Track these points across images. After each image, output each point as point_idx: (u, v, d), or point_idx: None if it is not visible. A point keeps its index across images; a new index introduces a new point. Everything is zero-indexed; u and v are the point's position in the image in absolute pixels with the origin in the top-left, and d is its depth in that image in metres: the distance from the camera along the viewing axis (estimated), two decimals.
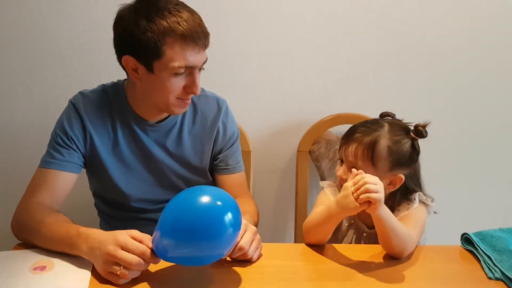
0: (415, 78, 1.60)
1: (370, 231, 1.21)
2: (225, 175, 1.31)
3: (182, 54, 1.06)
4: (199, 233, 0.87)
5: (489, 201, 1.73)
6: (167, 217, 0.91)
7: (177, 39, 1.04)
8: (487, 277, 0.99)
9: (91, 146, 1.20)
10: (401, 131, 1.15)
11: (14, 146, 1.62)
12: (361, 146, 1.11)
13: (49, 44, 1.53)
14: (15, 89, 1.57)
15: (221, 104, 1.28)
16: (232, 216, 0.90)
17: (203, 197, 0.91)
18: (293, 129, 1.62)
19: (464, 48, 1.58)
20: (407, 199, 1.17)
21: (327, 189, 1.22)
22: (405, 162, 1.13)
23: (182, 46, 1.05)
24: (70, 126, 1.18)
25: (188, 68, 1.08)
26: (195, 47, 1.07)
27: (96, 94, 1.22)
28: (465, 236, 1.12)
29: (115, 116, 1.21)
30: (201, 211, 0.89)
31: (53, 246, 1.04)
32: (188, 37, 1.04)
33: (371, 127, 1.14)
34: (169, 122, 1.23)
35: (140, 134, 1.22)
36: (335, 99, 1.61)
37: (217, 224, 0.88)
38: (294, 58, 1.57)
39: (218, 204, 0.90)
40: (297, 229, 1.58)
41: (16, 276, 0.96)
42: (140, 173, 1.25)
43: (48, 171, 1.15)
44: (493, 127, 1.66)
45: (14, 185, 1.51)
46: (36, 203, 1.12)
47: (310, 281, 0.98)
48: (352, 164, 1.13)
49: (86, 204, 1.39)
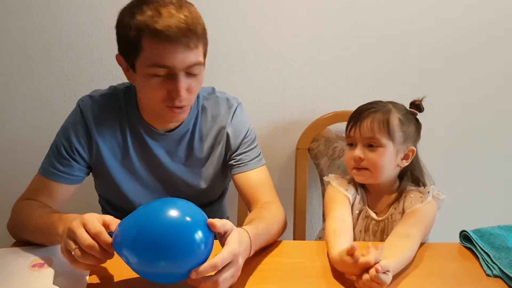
0: (415, 76, 1.60)
1: (378, 218, 1.21)
2: (240, 173, 1.21)
3: (156, 53, 0.98)
4: (162, 251, 0.80)
5: (488, 198, 1.74)
6: (130, 227, 0.83)
7: (151, 36, 0.97)
8: (486, 274, 1.00)
9: (97, 155, 1.16)
10: (403, 108, 1.20)
11: (13, 145, 1.62)
12: (376, 120, 1.14)
13: (48, 42, 1.53)
14: (14, 87, 1.57)
15: (230, 104, 1.22)
16: (203, 234, 0.82)
17: (171, 211, 0.82)
18: (292, 127, 1.62)
19: (465, 47, 1.58)
20: (420, 191, 1.17)
21: (334, 182, 1.22)
22: (414, 135, 1.19)
23: (157, 43, 0.97)
24: (75, 135, 1.14)
25: (167, 68, 1.00)
26: (171, 46, 0.97)
27: (106, 99, 1.16)
28: (463, 233, 1.12)
29: (125, 123, 1.16)
30: (166, 227, 0.81)
31: (37, 236, 1.03)
32: (163, 34, 0.95)
33: (378, 105, 1.18)
34: (180, 131, 1.18)
35: (150, 143, 1.18)
36: (334, 96, 1.61)
37: (185, 243, 0.81)
38: (293, 56, 1.57)
39: (187, 220, 0.82)
40: (296, 227, 1.58)
41: (15, 273, 0.96)
42: (149, 183, 1.22)
43: (47, 180, 1.13)
44: (493, 124, 1.67)
45: (14, 184, 1.50)
46: (28, 202, 1.12)
47: (310, 278, 0.98)
48: (370, 140, 1.14)
49: (90, 202, 1.39)
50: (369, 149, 1.15)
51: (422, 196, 1.16)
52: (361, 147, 1.15)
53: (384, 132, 1.13)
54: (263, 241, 1.04)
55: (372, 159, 1.14)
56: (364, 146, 1.15)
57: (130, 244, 0.82)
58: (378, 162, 1.14)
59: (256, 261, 1.03)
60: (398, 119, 1.15)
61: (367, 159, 1.15)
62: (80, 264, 0.86)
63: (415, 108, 1.21)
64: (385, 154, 1.14)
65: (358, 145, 1.16)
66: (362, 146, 1.15)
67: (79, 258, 0.85)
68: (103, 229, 0.85)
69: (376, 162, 1.14)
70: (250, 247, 0.96)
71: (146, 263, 0.82)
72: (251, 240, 0.96)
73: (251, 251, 0.97)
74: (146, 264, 0.82)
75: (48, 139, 1.19)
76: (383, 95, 1.59)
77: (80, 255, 0.85)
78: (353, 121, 1.17)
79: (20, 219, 1.09)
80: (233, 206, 1.60)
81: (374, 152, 1.14)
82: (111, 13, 1.07)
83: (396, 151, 1.15)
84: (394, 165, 1.17)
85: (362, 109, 1.18)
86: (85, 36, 1.52)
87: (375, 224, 1.21)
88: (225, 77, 1.57)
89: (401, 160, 1.18)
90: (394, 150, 1.15)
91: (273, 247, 1.10)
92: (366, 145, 1.15)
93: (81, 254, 0.85)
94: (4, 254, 1.04)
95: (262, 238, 1.02)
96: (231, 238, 0.87)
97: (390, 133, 1.14)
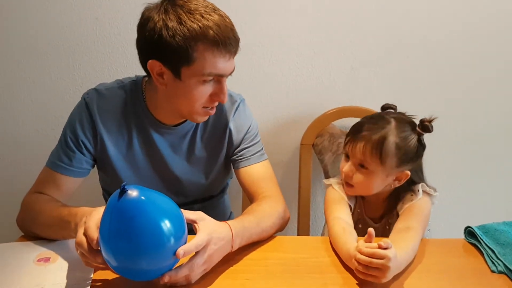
0: (419, 72, 1.59)
1: (376, 225, 1.22)
2: (242, 168, 1.22)
3: (213, 61, 1.00)
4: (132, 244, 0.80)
5: (493, 194, 1.73)
6: (104, 220, 0.83)
7: (208, 45, 0.98)
8: (490, 271, 0.99)
9: (102, 148, 1.17)
10: (407, 127, 1.13)
11: (19, 140, 1.62)
12: (369, 144, 1.10)
13: (52, 39, 1.53)
14: (19, 83, 1.57)
15: (233, 100, 1.23)
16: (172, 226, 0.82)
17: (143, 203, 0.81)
18: (296, 122, 1.62)
19: (469, 42, 1.57)
20: (411, 190, 1.17)
21: (336, 186, 1.22)
22: (412, 158, 1.13)
23: (214, 52, 0.99)
24: (81, 128, 1.14)
25: (217, 75, 1.03)
26: (226, 54, 1.01)
27: (112, 93, 1.16)
28: (468, 229, 1.12)
29: (131, 117, 1.16)
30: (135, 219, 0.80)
31: (49, 231, 1.05)
32: (221, 43, 0.98)
33: (378, 124, 1.13)
34: (186, 126, 1.19)
35: (155, 137, 1.18)
36: (339, 92, 1.60)
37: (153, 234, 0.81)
38: (298, 52, 1.57)
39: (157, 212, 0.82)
40: (300, 222, 1.58)
41: (20, 268, 0.97)
42: (150, 177, 1.23)
43: (54, 173, 1.14)
44: (498, 121, 1.66)
45: (19, 179, 1.52)
46: (39, 195, 1.13)
47: (313, 274, 0.98)
48: (360, 161, 1.12)
49: (94, 195, 1.40)
50: (359, 169, 1.13)
51: (412, 194, 1.16)
52: (352, 164, 1.14)
53: (376, 157, 1.10)
54: (252, 234, 1.04)
55: (359, 180, 1.13)
56: (354, 165, 1.14)
57: (105, 239, 0.82)
58: (365, 183, 1.13)
59: (259, 256, 1.03)
60: (395, 144, 1.10)
61: (355, 177, 1.14)
62: (87, 263, 0.89)
63: (422, 129, 1.12)
64: (373, 177, 1.13)
65: (350, 161, 1.15)
66: (353, 164, 1.14)
67: (80, 255, 0.88)
68: (93, 225, 0.85)
69: (363, 183, 1.14)
70: (232, 240, 0.97)
71: (118, 258, 0.82)
72: (232, 233, 0.97)
73: (233, 244, 0.98)
74: (119, 259, 0.82)
75: (53, 134, 1.20)
76: (388, 90, 1.60)
77: (80, 253, 0.87)
78: (349, 137, 1.15)
79: (30, 213, 1.09)
80: (237, 201, 1.61)
81: (362, 174, 1.13)
82: (116, 9, 1.06)
83: (386, 175, 1.13)
84: (383, 185, 1.15)
85: (360, 127, 1.14)
86: (90, 31, 1.52)
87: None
88: None
89: (393, 181, 1.15)
90: (384, 174, 1.13)
91: (277, 242, 1.10)
92: (357, 164, 1.13)
93: (80, 252, 0.87)
94: (10, 248, 1.05)
95: (249, 231, 1.03)
96: (202, 225, 0.92)
97: (381, 159, 1.10)
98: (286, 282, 0.95)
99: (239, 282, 0.94)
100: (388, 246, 0.90)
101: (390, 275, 0.91)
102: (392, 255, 0.89)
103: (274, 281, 0.95)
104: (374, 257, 0.89)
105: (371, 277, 0.91)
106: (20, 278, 0.93)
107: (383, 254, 0.89)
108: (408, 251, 0.99)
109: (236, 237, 0.98)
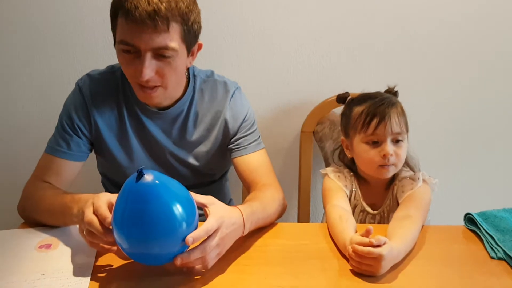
0: (420, 58, 1.58)
1: (374, 212, 1.22)
2: (239, 157, 1.22)
3: (123, 30, 1.02)
4: (144, 229, 0.81)
5: (493, 181, 1.73)
6: (118, 204, 0.83)
7: (122, 13, 1.00)
8: (490, 257, 1.00)
9: (97, 132, 1.19)
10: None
11: (19, 127, 1.62)
12: (399, 115, 1.13)
13: (51, 26, 1.52)
14: (18, 70, 1.57)
15: (228, 89, 1.23)
16: (184, 210, 0.83)
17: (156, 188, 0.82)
18: (296, 110, 1.62)
19: (470, 31, 1.55)
20: (411, 178, 1.17)
21: (332, 175, 1.22)
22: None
23: (125, 21, 1.00)
24: (76, 112, 1.16)
25: (132, 47, 1.02)
26: (138, 26, 0.99)
27: (104, 77, 1.19)
28: (468, 216, 1.12)
29: (122, 101, 1.19)
30: (148, 204, 0.81)
31: (51, 218, 1.06)
32: (130, 13, 0.98)
33: (386, 97, 1.16)
34: (175, 111, 1.19)
35: (146, 121, 1.19)
36: (340, 79, 1.60)
37: (166, 219, 0.82)
38: (298, 38, 1.55)
39: (169, 197, 0.83)
40: (300, 209, 1.59)
41: (22, 255, 0.98)
42: (146, 161, 1.24)
43: (54, 158, 1.15)
44: (498, 107, 1.65)
45: (20, 167, 1.52)
46: (40, 183, 1.13)
47: (313, 260, 0.98)
48: (396, 136, 1.13)
49: (94, 183, 1.40)
50: (396, 145, 1.14)
51: (413, 182, 1.16)
52: (390, 143, 1.13)
53: (404, 124, 1.14)
54: (259, 219, 1.05)
55: (400, 154, 1.14)
56: (393, 142, 1.14)
57: (118, 222, 0.83)
58: (403, 155, 1.14)
59: (259, 243, 1.04)
60: (402, 109, 1.16)
61: (396, 154, 1.13)
62: (93, 244, 0.89)
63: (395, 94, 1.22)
64: (405, 146, 1.15)
65: (387, 141, 1.13)
66: (392, 141, 1.14)
67: (87, 235, 0.88)
68: (103, 204, 0.86)
69: (402, 156, 1.14)
70: (243, 223, 0.98)
71: (131, 241, 0.83)
72: (243, 216, 0.98)
73: (244, 228, 0.99)
74: (132, 243, 0.83)
75: (52, 120, 1.20)
76: (389, 77, 1.58)
77: (87, 233, 0.88)
78: (378, 118, 1.12)
79: (32, 201, 1.10)
80: (238, 188, 1.61)
81: (401, 147, 1.14)
82: None
83: (408, 142, 1.16)
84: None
85: (382, 103, 1.14)
86: (88, 19, 1.51)
87: (371, 218, 1.22)
88: (229, 59, 1.56)
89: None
90: (407, 141, 1.16)
91: (277, 229, 1.11)
92: (394, 141, 1.14)
93: (86, 232, 0.87)
94: (11, 235, 1.05)
95: (257, 216, 1.04)
96: (212, 209, 0.92)
97: (407, 125, 1.15)
98: (286, 268, 0.95)
99: (239, 268, 0.95)
100: (380, 243, 0.89)
101: (385, 269, 0.92)
102: (386, 252, 0.89)
103: (274, 267, 0.96)
104: (367, 256, 0.89)
105: (366, 271, 0.92)
106: (21, 265, 0.94)
107: (376, 254, 0.88)
108: (407, 240, 0.99)
109: (247, 221, 0.99)
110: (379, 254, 0.88)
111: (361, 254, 0.90)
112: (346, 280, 0.92)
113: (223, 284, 0.90)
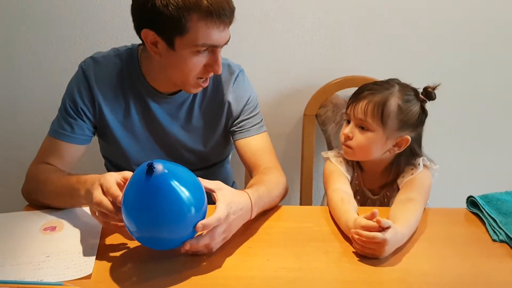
0: (424, 42, 1.57)
1: (375, 197, 1.22)
2: (241, 139, 1.22)
3: (206, 32, 1.00)
4: (152, 213, 0.82)
5: (495, 164, 1.73)
6: (128, 194, 0.84)
7: (202, 15, 0.97)
8: (492, 240, 1.00)
9: (100, 116, 1.18)
10: (411, 92, 1.14)
11: (21, 109, 1.62)
12: (371, 103, 1.10)
13: (54, 7, 1.50)
14: (20, 53, 1.55)
15: (232, 71, 1.22)
16: (192, 195, 0.83)
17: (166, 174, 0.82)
18: (299, 93, 1.61)
19: (473, 15, 1.53)
20: (411, 164, 1.17)
21: (333, 159, 1.22)
22: (413, 123, 1.13)
23: (207, 23, 0.98)
24: (80, 96, 1.15)
25: (210, 46, 1.03)
26: (220, 25, 1.00)
27: (109, 60, 1.17)
28: (470, 199, 1.13)
29: (127, 85, 1.17)
30: (157, 190, 0.82)
31: (58, 200, 1.07)
32: (214, 13, 0.97)
33: (382, 86, 1.14)
34: (183, 95, 1.19)
35: (152, 106, 1.18)
36: (343, 62, 1.58)
37: (174, 204, 0.82)
38: (301, 21, 1.54)
39: (176, 182, 0.83)
40: (303, 192, 1.59)
41: (26, 237, 0.99)
42: (150, 145, 1.24)
43: (57, 141, 1.15)
44: (500, 91, 1.64)
45: (24, 149, 1.52)
46: (43, 166, 1.14)
47: (315, 242, 0.99)
48: (361, 122, 1.12)
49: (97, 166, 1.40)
50: (360, 130, 1.13)
51: (413, 168, 1.15)
52: (353, 126, 1.14)
53: (377, 117, 1.10)
54: (265, 203, 1.06)
55: (358, 141, 1.13)
56: (356, 126, 1.13)
57: (128, 209, 0.83)
58: (363, 145, 1.13)
59: (262, 225, 1.05)
60: (397, 106, 1.10)
61: (355, 139, 1.13)
62: (107, 223, 0.90)
63: (425, 96, 1.14)
64: (372, 138, 1.12)
65: (351, 124, 1.14)
66: (354, 125, 1.14)
67: (100, 216, 0.89)
68: (113, 184, 0.87)
69: (361, 145, 1.13)
70: (251, 208, 0.98)
71: (140, 227, 0.84)
72: (251, 201, 0.98)
73: (252, 212, 0.99)
74: (141, 228, 0.84)
75: (56, 103, 1.20)
76: (392, 60, 1.58)
77: (99, 214, 0.89)
78: (352, 99, 1.15)
79: (36, 184, 1.10)
80: (240, 172, 1.61)
81: (363, 135, 1.12)
82: None
83: (385, 138, 1.12)
84: (383, 150, 1.15)
85: (364, 88, 1.15)
86: (91, 0, 1.50)
87: (371, 202, 1.22)
88: (231, 43, 1.53)
89: (392, 147, 1.14)
90: (384, 137, 1.12)
91: (280, 212, 1.11)
92: (358, 126, 1.13)
93: (99, 213, 0.89)
94: (16, 218, 1.06)
95: (263, 200, 1.04)
96: (221, 195, 0.92)
97: (382, 119, 1.10)
98: (288, 250, 0.96)
99: (243, 250, 0.96)
100: (385, 226, 0.90)
101: (388, 252, 0.92)
102: (390, 236, 0.90)
103: (277, 249, 0.96)
104: (371, 241, 0.90)
105: (369, 254, 0.92)
106: (26, 247, 0.95)
107: (380, 239, 0.89)
108: (411, 223, 1.00)
109: (255, 205, 1.00)
110: (383, 239, 0.89)
111: (366, 239, 0.90)
112: (348, 263, 0.92)
113: (227, 266, 0.91)
